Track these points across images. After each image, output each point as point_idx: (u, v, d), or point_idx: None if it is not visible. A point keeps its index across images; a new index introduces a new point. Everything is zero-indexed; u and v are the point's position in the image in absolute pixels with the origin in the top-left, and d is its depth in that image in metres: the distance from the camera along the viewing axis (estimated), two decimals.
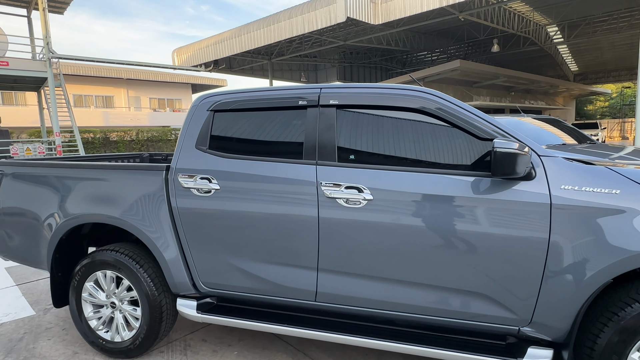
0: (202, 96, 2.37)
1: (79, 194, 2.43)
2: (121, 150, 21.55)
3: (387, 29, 18.01)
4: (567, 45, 24.94)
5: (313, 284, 2.06)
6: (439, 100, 1.91)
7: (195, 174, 2.21)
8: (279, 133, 2.15)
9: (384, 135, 1.98)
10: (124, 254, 2.38)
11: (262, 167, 2.11)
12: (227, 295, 2.30)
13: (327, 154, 2.03)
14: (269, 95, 2.19)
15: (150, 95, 30.62)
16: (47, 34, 14.83)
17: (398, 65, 29.69)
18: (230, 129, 2.24)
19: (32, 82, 16.53)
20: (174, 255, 2.27)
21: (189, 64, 19.80)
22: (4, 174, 2.69)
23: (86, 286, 2.49)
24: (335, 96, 2.07)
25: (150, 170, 2.29)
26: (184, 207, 2.22)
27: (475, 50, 26.50)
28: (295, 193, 2.03)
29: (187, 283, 2.30)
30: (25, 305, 3.38)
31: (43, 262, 2.60)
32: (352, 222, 1.93)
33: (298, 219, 2.02)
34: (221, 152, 2.21)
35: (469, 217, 1.78)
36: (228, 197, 2.14)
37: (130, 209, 2.31)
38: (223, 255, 2.20)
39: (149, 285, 2.33)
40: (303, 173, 2.03)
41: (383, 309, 1.99)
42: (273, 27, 15.60)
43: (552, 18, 19.53)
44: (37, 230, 2.56)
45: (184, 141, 2.31)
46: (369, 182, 1.92)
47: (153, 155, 4.21)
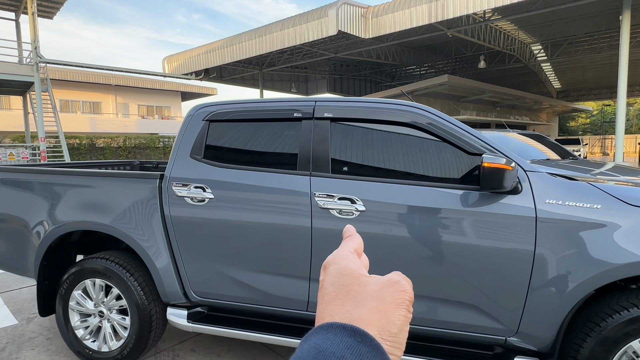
0: (197, 106, 2.40)
1: (69, 201, 2.41)
2: (108, 157, 21.25)
3: (377, 42, 18.35)
4: (551, 63, 25.75)
5: (305, 294, 2.08)
6: (429, 116, 1.98)
7: (190, 182, 2.23)
8: (273, 144, 2.19)
9: (376, 148, 2.03)
10: (114, 262, 2.36)
11: (256, 177, 2.14)
12: (218, 304, 2.30)
13: (321, 166, 2.07)
14: (265, 106, 2.23)
15: (138, 102, 30.38)
16: (35, 38, 14.68)
17: (387, 79, 30.17)
18: (225, 139, 2.27)
19: (18, 86, 16.28)
20: (165, 263, 2.27)
21: (180, 71, 19.78)
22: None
23: (74, 295, 2.46)
24: (330, 109, 2.12)
25: (143, 178, 2.30)
26: (177, 215, 2.23)
27: (463, 65, 27.14)
28: (289, 203, 2.06)
29: (178, 292, 2.30)
30: (8, 314, 3.30)
31: (30, 270, 2.56)
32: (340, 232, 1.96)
33: (291, 228, 2.05)
34: (216, 162, 2.23)
35: (457, 229, 1.84)
36: (222, 206, 2.16)
37: (122, 217, 2.30)
38: (215, 264, 2.20)
39: (139, 294, 2.32)
40: (297, 183, 2.07)
41: None
42: (265, 37, 15.75)
43: (536, 37, 20.18)
44: (24, 238, 2.53)
45: (178, 150, 2.32)
46: (362, 193, 1.97)
47: (144, 162, 4.19)
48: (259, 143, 2.21)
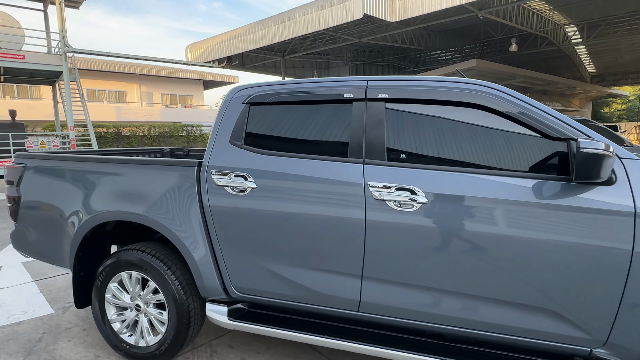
0: (236, 88, 2.22)
1: (105, 190, 2.30)
2: (134, 145, 21.61)
3: (402, 27, 17.75)
4: (586, 46, 24.42)
5: (356, 293, 1.90)
6: (504, 96, 1.74)
7: (230, 171, 2.06)
8: (321, 129, 1.99)
9: (439, 133, 1.81)
10: (151, 255, 2.24)
11: (303, 165, 1.95)
12: (259, 301, 2.15)
13: (375, 153, 1.86)
14: (311, 87, 2.03)
15: (162, 91, 30.71)
16: (63, 28, 14.87)
17: (411, 64, 29.36)
18: (268, 124, 2.09)
19: (47, 76, 16.62)
20: (204, 257, 2.13)
21: (203, 59, 19.76)
22: (26, 167, 2.58)
23: (110, 287, 2.36)
24: (385, 89, 1.90)
25: (181, 166, 2.15)
26: (216, 205, 2.08)
27: (491, 50, 26.08)
28: (340, 194, 1.87)
29: (218, 287, 2.16)
30: (44, 303, 3.27)
31: (65, 261, 2.47)
32: (403, 227, 1.77)
33: (342, 222, 1.86)
34: (258, 149, 2.06)
35: (537, 225, 1.61)
36: (265, 196, 1.99)
37: (159, 207, 2.17)
38: (258, 258, 2.05)
39: (176, 288, 2.19)
40: (349, 173, 1.87)
41: (433, 322, 1.82)
42: (288, 23, 15.45)
43: (572, 18, 19.09)
44: (59, 227, 2.44)
45: (217, 136, 2.16)
46: (424, 184, 1.75)
47: (174, 150, 4.08)
48: (304, 128, 2.02)
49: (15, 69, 14.80)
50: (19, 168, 2.58)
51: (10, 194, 2.60)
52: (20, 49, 15.00)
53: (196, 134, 24.38)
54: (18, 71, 15.59)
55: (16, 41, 14.97)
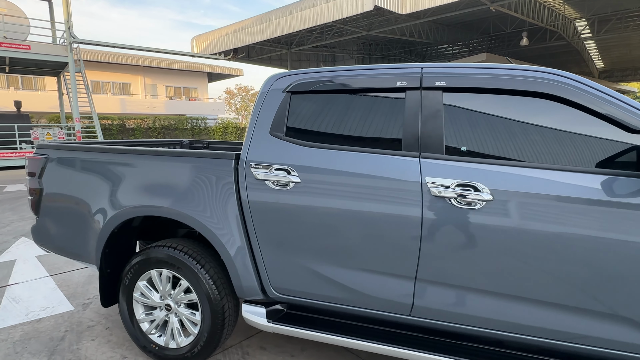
0: (275, 76, 2.08)
1: (135, 183, 2.17)
2: (138, 138, 21.48)
3: (411, 19, 17.48)
4: (595, 40, 24.08)
5: (409, 296, 1.78)
6: (580, 86, 1.59)
7: (271, 164, 1.93)
8: (370, 119, 1.85)
9: (503, 125, 1.67)
10: (183, 252, 2.12)
11: (352, 159, 1.81)
12: (299, 302, 2.03)
13: (432, 146, 1.73)
14: (360, 74, 1.89)
15: (166, 83, 30.51)
16: (68, 19, 14.67)
17: (417, 58, 29.06)
18: (312, 114, 1.95)
19: (52, 66, 16.46)
20: (242, 255, 2.01)
21: (209, 51, 19.55)
22: (49, 158, 2.45)
23: (138, 285, 2.24)
24: (442, 77, 1.76)
25: (218, 158, 2.02)
26: (256, 201, 1.95)
27: (498, 44, 25.76)
28: (393, 190, 1.73)
29: (256, 287, 2.04)
30: (62, 299, 3.17)
31: (90, 257, 2.35)
32: (465, 226, 1.63)
33: (395, 219, 1.73)
34: (302, 141, 1.92)
35: (618, 226, 1.47)
36: (310, 191, 1.85)
37: (194, 202, 2.04)
38: (301, 258, 1.92)
39: (210, 288, 2.07)
40: (403, 167, 1.73)
41: (493, 328, 1.70)
42: (296, 15, 15.22)
43: (584, 12, 18.77)
44: (85, 222, 2.32)
45: (255, 126, 2.02)
46: (488, 180, 1.62)
47: (193, 142, 3.95)
48: (352, 118, 1.88)
49: (20, 59, 14.64)
50: (40, 159, 2.46)
51: (32, 186, 2.48)
52: (25, 39, 14.83)
53: (201, 127, 24.23)
54: (23, 62, 15.43)
55: (21, 31, 14.81)
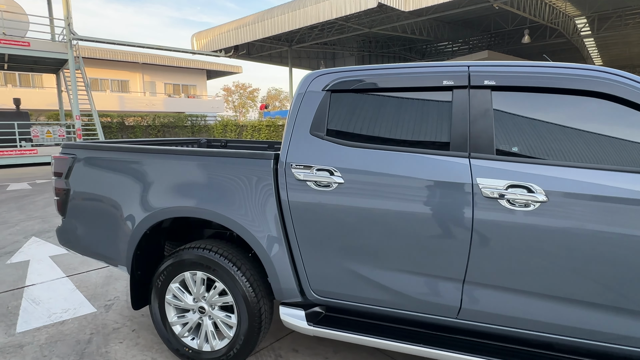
0: (312, 74, 2.04)
1: (170, 184, 2.12)
2: (138, 136, 21.33)
3: (412, 17, 17.44)
4: (595, 38, 24.16)
5: (457, 298, 1.75)
6: (636, 84, 1.56)
7: (312, 164, 1.89)
8: (416, 119, 1.82)
9: (555, 125, 1.64)
10: (218, 254, 2.08)
11: (397, 159, 1.78)
12: (339, 304, 1.99)
13: (482, 146, 1.69)
14: (403, 73, 1.85)
15: (165, 81, 30.33)
16: (68, 15, 14.52)
17: (417, 56, 29.04)
18: (354, 113, 1.91)
19: (51, 63, 16.29)
20: (281, 257, 1.97)
21: (209, 48, 19.43)
22: (76, 158, 2.39)
23: (171, 287, 2.20)
24: (492, 76, 1.72)
25: (256, 158, 1.98)
26: (296, 201, 1.91)
27: (498, 41, 25.78)
28: (442, 191, 1.70)
29: (295, 289, 2.00)
30: (83, 301, 3.12)
31: (120, 259, 2.31)
32: (519, 228, 1.60)
33: (444, 221, 1.70)
34: (345, 140, 1.89)
35: None
36: (354, 193, 1.82)
37: (231, 203, 2.00)
38: (343, 260, 1.89)
39: (247, 290, 2.04)
40: (452, 168, 1.70)
41: (544, 331, 1.67)
42: (298, 12, 15.14)
43: (585, 9, 18.80)
44: (115, 223, 2.27)
45: (294, 126, 1.98)
46: (542, 181, 1.59)
47: (211, 140, 3.90)
48: (396, 117, 1.84)
49: (19, 56, 14.48)
50: (67, 159, 2.41)
51: (59, 186, 2.43)
52: (24, 36, 14.67)
53: (201, 125, 24.10)
54: (22, 59, 15.27)
55: (21, 28, 14.64)
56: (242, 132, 25.77)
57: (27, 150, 13.90)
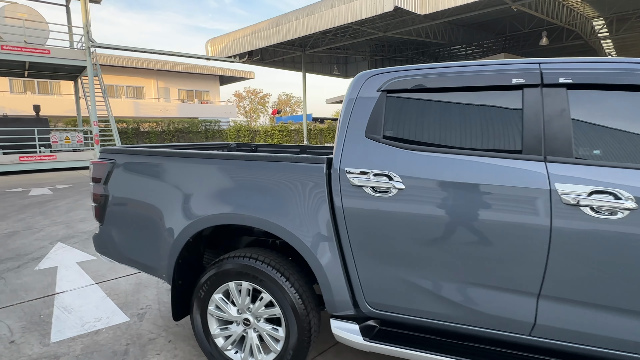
0: (365, 74, 1.93)
1: (214, 190, 2.04)
2: (153, 141, 21.52)
3: (427, 20, 17.32)
4: (613, 40, 23.72)
5: (530, 314, 1.62)
6: None
7: (369, 169, 1.79)
8: (480, 119, 1.70)
9: (638, 125, 1.50)
10: (265, 263, 1.98)
11: (464, 163, 1.66)
12: (395, 318, 1.87)
13: (559, 148, 1.57)
14: (467, 71, 1.74)
15: (179, 87, 30.65)
16: (87, 23, 14.75)
17: (430, 59, 28.84)
18: (412, 114, 1.80)
19: (70, 71, 16.56)
20: (335, 267, 1.86)
21: (223, 54, 19.53)
22: (116, 164, 2.33)
23: (214, 298, 2.11)
24: (567, 73, 1.60)
25: (308, 163, 1.88)
26: (352, 208, 1.80)
27: (513, 44, 25.49)
28: (515, 197, 1.57)
29: (348, 301, 1.89)
30: (115, 309, 3.05)
31: (160, 269, 2.22)
32: (604, 237, 1.47)
33: (517, 230, 1.57)
34: (404, 144, 1.78)
35: None
36: (416, 199, 1.70)
37: (280, 210, 1.90)
38: (402, 271, 1.77)
39: (297, 302, 1.93)
40: (526, 173, 1.58)
41: (632, 351, 1.53)
42: (313, 17, 15.12)
43: (604, 11, 18.46)
44: (156, 231, 2.19)
45: (348, 129, 1.88)
46: (631, 186, 1.45)
47: (240, 145, 3.83)
48: (459, 118, 1.73)
49: (40, 63, 14.75)
50: (106, 164, 2.34)
51: (97, 192, 2.36)
52: (44, 44, 14.93)
53: (214, 130, 24.24)
54: (42, 66, 15.55)
55: (41, 36, 14.90)
56: (255, 137, 25.83)
57: (47, 156, 14.09)
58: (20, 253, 4.50)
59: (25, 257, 4.36)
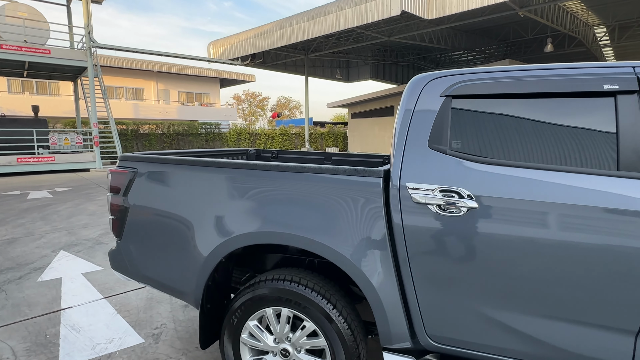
0: (424, 77, 1.73)
1: (253, 205, 1.81)
2: (153, 143, 21.25)
3: (431, 26, 17.23)
4: (614, 47, 23.78)
5: (627, 354, 1.40)
6: None
7: (435, 184, 1.57)
8: (569, 130, 1.49)
9: None
10: (309, 288, 1.76)
11: (548, 179, 1.45)
12: (458, 353, 1.65)
13: None
14: (547, 75, 1.53)
15: (179, 89, 30.40)
16: (89, 23, 14.52)
17: (431, 65, 28.82)
18: (485, 123, 1.59)
19: (70, 71, 16.31)
20: (392, 294, 1.64)
21: (226, 57, 19.36)
22: (137, 172, 2.10)
23: (248, 325, 1.88)
24: None
25: (361, 176, 1.67)
26: (414, 229, 1.59)
27: (515, 50, 25.51)
28: (610, 219, 1.37)
29: (406, 333, 1.67)
30: (127, 329, 2.81)
31: (187, 291, 1.99)
32: None
33: (616, 258, 1.36)
34: (476, 156, 1.57)
35: None
36: (492, 220, 1.49)
37: (329, 229, 1.68)
38: (474, 300, 1.55)
39: (345, 332, 1.71)
40: (624, 191, 1.37)
41: None
42: (318, 20, 14.97)
43: (608, 19, 18.46)
44: (183, 249, 1.96)
45: (408, 138, 1.67)
46: None
47: (260, 152, 3.61)
48: (542, 128, 1.52)
49: (40, 63, 14.49)
50: (127, 173, 2.11)
51: (115, 204, 2.13)
52: (44, 44, 14.68)
53: (214, 133, 24.00)
54: (42, 66, 15.29)
55: (42, 35, 14.65)
56: (256, 140, 25.61)
57: (45, 158, 13.79)
58: (21, 262, 4.24)
59: (26, 266, 4.10)
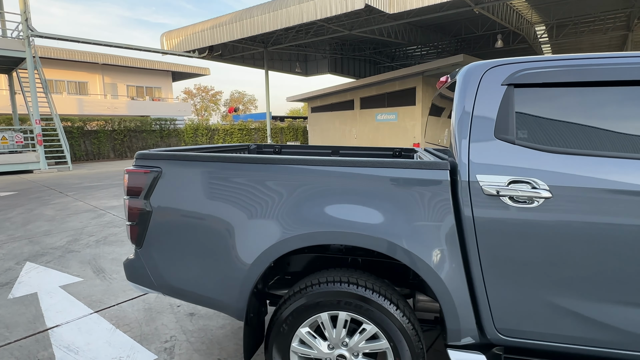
0: (481, 66, 1.68)
1: (306, 203, 1.67)
2: (102, 141, 19.82)
3: (390, 20, 17.53)
4: (552, 45, 25.68)
5: None
6: None
7: (506, 175, 1.53)
8: (632, 117, 1.51)
9: None
10: (369, 289, 1.66)
11: (625, 168, 1.46)
12: (524, 344, 1.64)
13: None
14: (615, 63, 1.54)
15: (127, 83, 28.54)
16: (26, 9, 13.13)
17: (387, 59, 29.43)
18: (551, 111, 1.57)
19: (4, 62, 14.69)
20: (462, 290, 1.59)
21: (181, 49, 18.41)
22: (161, 172, 1.87)
23: (299, 332, 1.75)
24: None
25: (427, 169, 1.59)
26: (486, 221, 1.54)
27: (465, 46, 26.70)
28: None
29: (474, 328, 1.63)
30: (134, 345, 2.54)
31: (228, 301, 1.80)
32: None
33: None
34: (548, 146, 1.54)
35: None
36: (568, 210, 1.48)
37: (395, 225, 1.59)
38: (548, 292, 1.54)
39: (410, 334, 1.64)
40: None
41: None
42: (280, 12, 14.65)
43: (549, 17, 19.83)
44: (223, 255, 1.77)
45: (472, 128, 1.61)
46: None
47: (261, 146, 3.42)
48: (609, 117, 1.52)
49: None
50: (149, 173, 1.87)
51: (135, 207, 1.88)
52: None
53: (170, 129, 22.84)
54: None
55: None
56: (214, 136, 24.74)
57: None
58: None
59: None
